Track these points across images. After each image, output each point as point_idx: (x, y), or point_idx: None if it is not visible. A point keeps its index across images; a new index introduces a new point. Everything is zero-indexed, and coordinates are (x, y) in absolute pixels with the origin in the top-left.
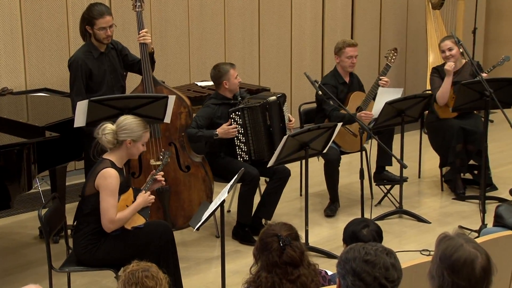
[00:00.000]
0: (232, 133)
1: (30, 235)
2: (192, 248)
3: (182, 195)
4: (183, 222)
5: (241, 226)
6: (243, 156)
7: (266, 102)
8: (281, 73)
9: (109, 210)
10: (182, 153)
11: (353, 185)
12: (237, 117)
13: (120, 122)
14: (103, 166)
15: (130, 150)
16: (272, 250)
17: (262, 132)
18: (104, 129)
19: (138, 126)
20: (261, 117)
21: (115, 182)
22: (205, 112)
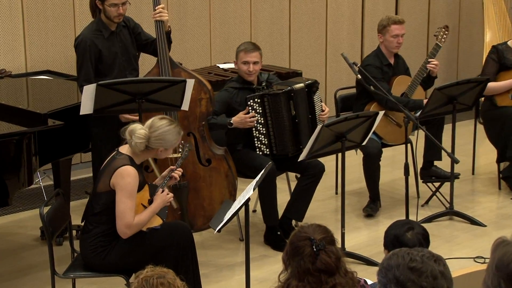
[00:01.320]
0: (249, 123)
1: (31, 236)
2: (213, 252)
3: (202, 192)
4: (203, 222)
5: (271, 230)
6: (262, 149)
7: (290, 89)
8: (315, 55)
9: (127, 214)
10: (202, 144)
11: (396, 182)
12: (255, 104)
13: (155, 128)
14: (122, 163)
15: (159, 155)
16: (304, 255)
17: (285, 123)
18: (134, 133)
19: (174, 135)
20: (284, 106)
21: (134, 182)
22: (221, 96)
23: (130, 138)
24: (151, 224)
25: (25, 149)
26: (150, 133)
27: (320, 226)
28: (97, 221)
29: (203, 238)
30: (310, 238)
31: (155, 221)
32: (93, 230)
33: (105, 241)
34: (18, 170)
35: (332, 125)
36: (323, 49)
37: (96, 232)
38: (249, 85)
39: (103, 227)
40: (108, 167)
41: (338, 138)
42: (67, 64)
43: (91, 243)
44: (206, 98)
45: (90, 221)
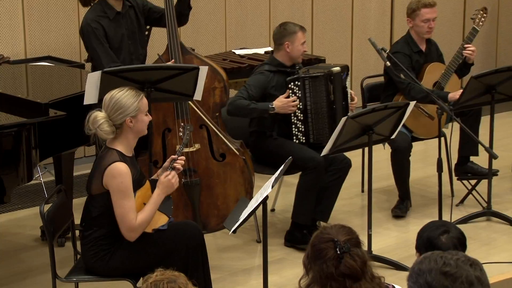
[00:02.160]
0: (291, 107)
1: (30, 236)
2: (227, 255)
3: (216, 190)
4: (217, 223)
5: (298, 228)
6: (299, 136)
7: (329, 72)
8: (340, 39)
9: (127, 216)
10: (216, 137)
11: (428, 180)
12: (296, 87)
13: (107, 102)
14: (110, 160)
15: (135, 128)
16: (326, 258)
17: (324, 109)
18: (95, 120)
19: (130, 98)
20: (324, 90)
21: (127, 180)
22: (258, 80)
23: (94, 129)
24: (155, 224)
25: (24, 142)
26: (106, 110)
27: (344, 226)
28: (97, 225)
29: (217, 239)
30: (333, 239)
31: (160, 219)
32: (92, 234)
33: (106, 245)
34: (16, 164)
35: (358, 116)
36: (348, 33)
37: (96, 236)
38: (285, 68)
39: (103, 230)
40: (98, 166)
41: (365, 131)
42: (70, 49)
43: (92, 248)
44: (221, 87)
45: (89, 225)
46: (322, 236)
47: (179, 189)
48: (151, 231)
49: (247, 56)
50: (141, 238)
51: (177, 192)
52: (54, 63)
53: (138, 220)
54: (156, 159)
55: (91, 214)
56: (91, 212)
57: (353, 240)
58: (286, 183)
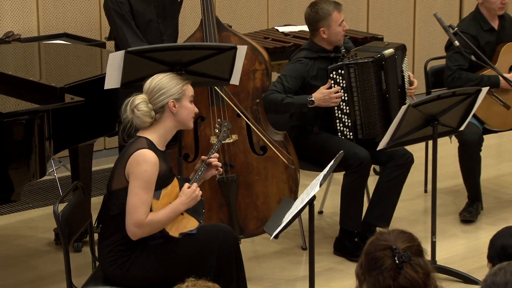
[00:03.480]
0: (334, 100)
1: (42, 239)
2: (268, 264)
3: (255, 188)
4: (256, 226)
5: (348, 236)
6: (345, 132)
7: (380, 56)
8: (400, 15)
9: (139, 208)
10: (256, 128)
11: (502, 179)
12: (339, 77)
13: (149, 85)
14: (137, 147)
15: (178, 115)
16: (383, 269)
17: (375, 99)
18: (133, 102)
19: (173, 80)
20: (373, 78)
21: (152, 169)
22: (295, 69)
23: (130, 112)
24: (183, 228)
25: (37, 131)
26: (148, 93)
27: (404, 232)
28: (115, 226)
29: (256, 246)
30: (391, 247)
31: (188, 223)
32: (111, 237)
33: (126, 250)
34: (27, 157)
35: (421, 105)
36: (410, 8)
37: (115, 239)
38: (327, 54)
39: (123, 233)
40: (123, 155)
41: (429, 121)
42: (89, 26)
43: (110, 254)
44: (262, 69)
45: (107, 226)
46: (378, 243)
47: (213, 187)
48: (177, 236)
49: (292, 34)
50: (166, 243)
51: (211, 190)
52: (71, 41)
53: (149, 217)
54: (187, 153)
55: (109, 213)
56: (109, 210)
57: (414, 248)
58: (336, 181)
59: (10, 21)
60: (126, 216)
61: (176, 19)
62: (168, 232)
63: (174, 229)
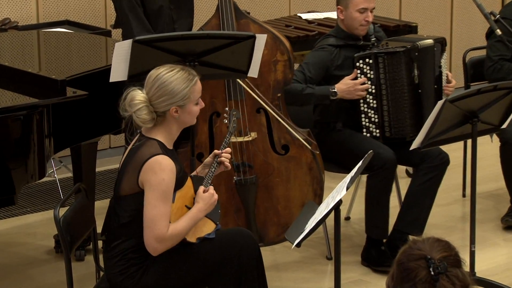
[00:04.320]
0: (359, 91)
1: (41, 247)
2: (290, 274)
3: (276, 191)
4: (276, 233)
5: (374, 244)
6: (371, 129)
7: (414, 46)
8: (435, 1)
9: (159, 222)
10: (278, 125)
11: None
12: (367, 67)
13: (152, 83)
14: (151, 152)
15: (180, 119)
16: (417, 281)
17: (405, 94)
18: (132, 102)
19: (180, 83)
20: (404, 70)
21: (169, 178)
22: (318, 57)
23: (131, 112)
24: (200, 232)
25: (36, 128)
26: (149, 92)
27: (440, 240)
28: (126, 233)
29: (276, 255)
30: (426, 257)
31: (205, 226)
32: (120, 245)
33: (137, 258)
34: (25, 157)
35: (459, 99)
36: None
37: (125, 247)
38: (355, 41)
39: (133, 241)
40: (133, 159)
41: (467, 118)
42: (93, 12)
43: (119, 263)
44: (284, 60)
45: (116, 235)
46: (412, 253)
47: (229, 190)
48: (195, 241)
49: (317, 21)
50: (182, 248)
51: (227, 193)
52: (73, 29)
53: (170, 230)
54: (200, 152)
55: (119, 221)
56: (120, 217)
57: (451, 258)
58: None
59: (7, 7)
60: (144, 230)
61: (190, 5)
62: (185, 238)
63: (191, 233)
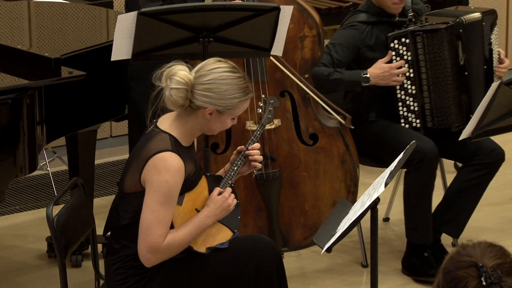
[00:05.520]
0: (395, 77)
1: (32, 251)
2: (318, 284)
3: (303, 188)
4: (303, 236)
5: (416, 250)
6: (410, 119)
7: (458, 22)
8: None
9: (155, 229)
10: (305, 110)
11: None
12: (403, 48)
13: (204, 72)
14: (158, 147)
15: (208, 123)
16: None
17: (449, 77)
18: (174, 77)
19: (235, 90)
20: (447, 50)
21: (174, 180)
22: (346, 36)
23: (165, 85)
24: (212, 241)
25: (26, 114)
26: (196, 78)
27: (493, 246)
28: (126, 237)
29: (303, 261)
30: (477, 264)
31: (219, 234)
32: (121, 250)
33: (139, 267)
34: (13, 147)
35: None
36: None
37: (126, 253)
38: (389, 17)
39: (135, 247)
40: (140, 152)
41: None
42: None
43: (120, 270)
44: (312, 36)
45: (116, 236)
46: (460, 260)
47: (249, 186)
48: (204, 251)
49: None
50: (190, 259)
51: (246, 190)
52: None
53: (167, 241)
54: (215, 142)
55: (119, 221)
56: (120, 218)
57: (506, 266)
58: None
59: None
60: (139, 236)
61: None
62: (193, 247)
63: (201, 242)
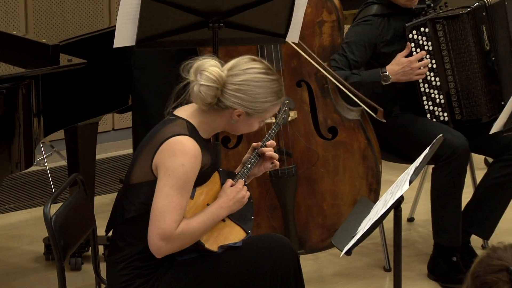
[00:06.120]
0: (417, 71)
1: (28, 253)
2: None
3: (321, 185)
4: (321, 237)
5: (444, 253)
6: (437, 113)
7: (481, 5)
8: None
9: (168, 215)
10: (323, 101)
11: None
12: (422, 38)
13: (238, 71)
14: (173, 131)
15: (235, 125)
16: None
17: (475, 64)
18: (205, 73)
19: (269, 93)
20: (471, 36)
21: (191, 164)
22: (361, 33)
23: (194, 79)
24: (225, 239)
25: (21, 105)
26: (228, 76)
27: None
28: (133, 233)
29: (320, 264)
30: (508, 268)
31: (231, 233)
32: (126, 248)
33: (147, 267)
34: (8, 141)
35: None
36: None
37: (131, 252)
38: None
39: (142, 245)
40: (153, 138)
41: None
42: None
43: (123, 271)
44: (331, 21)
45: (121, 234)
46: (491, 263)
47: (262, 184)
48: (216, 249)
49: None
50: (201, 259)
51: (260, 188)
52: None
53: (180, 228)
54: (226, 135)
55: (123, 215)
56: (124, 211)
57: None
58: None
59: None
60: (150, 223)
61: None
62: (204, 244)
63: (212, 240)
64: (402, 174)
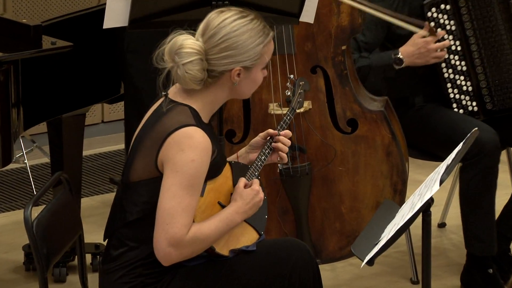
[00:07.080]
0: (434, 52)
1: (6, 262)
2: None
3: (339, 186)
4: (339, 245)
5: (478, 264)
6: (464, 102)
7: None
8: None
9: (178, 219)
10: (342, 90)
11: None
12: (443, 16)
13: (214, 29)
14: (180, 121)
15: (238, 87)
16: None
17: (505, 44)
18: (182, 50)
19: (255, 35)
20: (498, 12)
21: (203, 161)
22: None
23: (173, 63)
24: (236, 242)
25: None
26: (206, 41)
27: None
28: (134, 238)
29: (338, 274)
30: None
31: (244, 236)
32: (125, 254)
33: (151, 275)
34: None
35: None
36: None
37: (134, 258)
38: None
39: (146, 249)
40: (154, 130)
41: None
42: None
43: (124, 278)
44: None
45: (121, 238)
46: None
47: (272, 183)
48: (227, 254)
49: None
50: (210, 264)
51: (269, 188)
52: None
53: (191, 233)
54: (231, 129)
55: (125, 218)
56: (126, 214)
57: None
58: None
59: None
60: (156, 226)
61: None
62: (215, 248)
63: (223, 243)
64: (431, 173)
